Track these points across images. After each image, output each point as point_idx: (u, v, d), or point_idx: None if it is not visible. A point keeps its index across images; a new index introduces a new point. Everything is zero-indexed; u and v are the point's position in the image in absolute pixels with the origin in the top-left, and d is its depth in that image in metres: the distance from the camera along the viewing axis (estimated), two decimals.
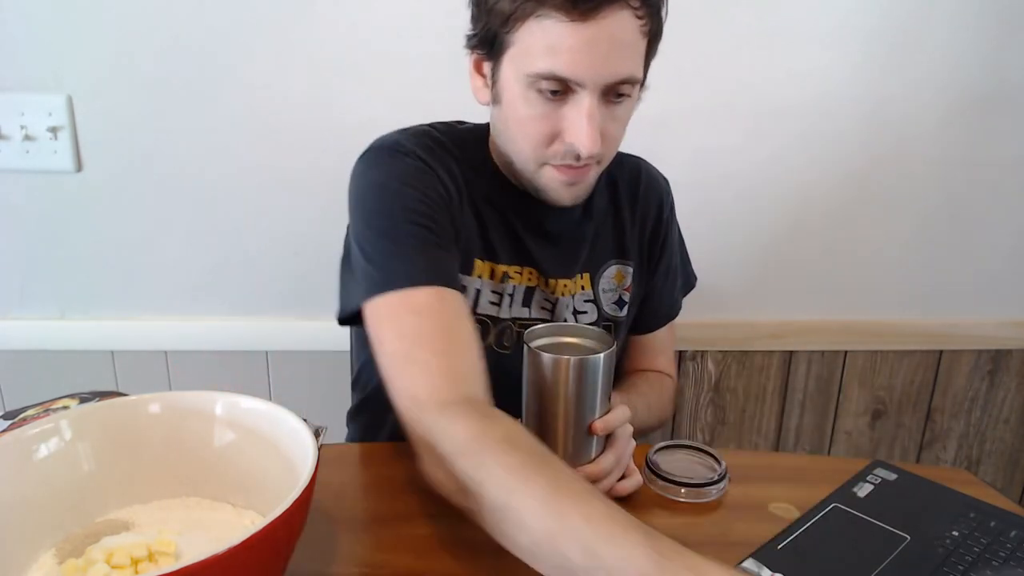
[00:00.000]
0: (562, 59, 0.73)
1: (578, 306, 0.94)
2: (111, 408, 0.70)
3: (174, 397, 0.71)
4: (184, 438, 0.70)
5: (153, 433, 0.70)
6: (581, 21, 0.72)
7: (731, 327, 1.45)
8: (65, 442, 0.67)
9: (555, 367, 0.72)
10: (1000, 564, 0.66)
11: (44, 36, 1.22)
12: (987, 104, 1.35)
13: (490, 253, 0.89)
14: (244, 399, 0.70)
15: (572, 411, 0.73)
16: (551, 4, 0.71)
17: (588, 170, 0.82)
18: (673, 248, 1.03)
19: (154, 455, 0.69)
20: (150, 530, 0.65)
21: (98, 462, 0.68)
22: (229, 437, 0.70)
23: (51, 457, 0.66)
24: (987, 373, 1.52)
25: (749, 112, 1.33)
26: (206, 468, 0.70)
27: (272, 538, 0.53)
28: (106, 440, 0.68)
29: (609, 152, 0.84)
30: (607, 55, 0.74)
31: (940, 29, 1.30)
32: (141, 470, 0.69)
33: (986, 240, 1.44)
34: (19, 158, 1.26)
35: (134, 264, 1.35)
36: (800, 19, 1.29)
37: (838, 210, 1.41)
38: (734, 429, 1.53)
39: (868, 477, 0.80)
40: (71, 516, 0.66)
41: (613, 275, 0.96)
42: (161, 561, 0.60)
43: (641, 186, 0.99)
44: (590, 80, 0.75)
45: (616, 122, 0.81)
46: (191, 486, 0.70)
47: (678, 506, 0.77)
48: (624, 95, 0.78)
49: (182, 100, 1.26)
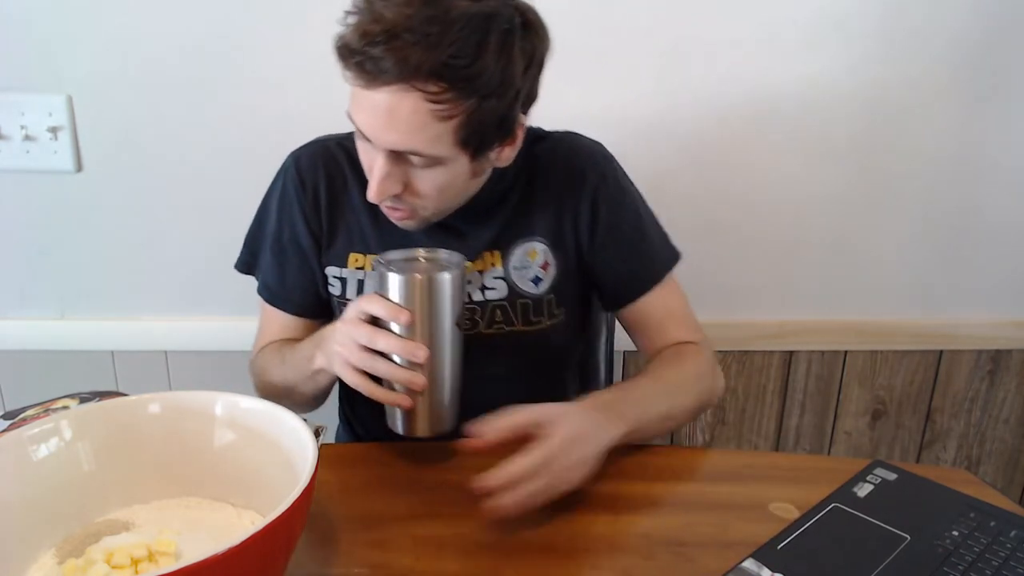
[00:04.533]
0: (357, 112, 0.79)
1: (487, 283, 0.94)
2: (111, 408, 0.70)
3: (174, 397, 0.71)
4: (184, 438, 0.70)
5: (153, 433, 0.70)
6: (366, 87, 0.76)
7: (731, 327, 1.45)
8: (65, 442, 0.67)
9: (384, 281, 0.74)
10: (1000, 564, 0.66)
11: (44, 36, 1.22)
12: (987, 104, 1.35)
13: (373, 246, 0.94)
14: (244, 399, 0.70)
15: (413, 329, 0.74)
16: (347, 65, 0.76)
17: (406, 213, 0.86)
18: (621, 215, 0.98)
19: (154, 455, 0.69)
20: (150, 530, 0.65)
21: (98, 462, 0.68)
22: (229, 437, 0.70)
23: (51, 457, 0.66)
24: (987, 373, 1.52)
25: (749, 112, 1.33)
26: (206, 468, 0.70)
27: (272, 538, 0.53)
28: (106, 440, 0.68)
29: (425, 203, 0.85)
30: (386, 125, 0.77)
31: (941, 28, 1.30)
32: (141, 470, 0.69)
33: (986, 240, 1.44)
34: (19, 158, 1.26)
35: (134, 264, 1.35)
36: (801, 18, 1.28)
37: (838, 210, 1.40)
38: (734, 429, 1.53)
39: (868, 477, 0.80)
40: (71, 516, 0.66)
41: (526, 252, 0.95)
42: (161, 561, 0.60)
43: (559, 163, 0.97)
44: (374, 140, 0.79)
45: (426, 181, 0.82)
46: (191, 486, 0.70)
47: (678, 506, 0.77)
48: (424, 163, 0.80)
49: (182, 100, 1.26)
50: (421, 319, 0.74)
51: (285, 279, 1.00)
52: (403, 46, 0.72)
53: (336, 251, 0.96)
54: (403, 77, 0.73)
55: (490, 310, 0.95)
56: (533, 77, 0.83)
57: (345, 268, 0.96)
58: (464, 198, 0.90)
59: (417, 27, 0.72)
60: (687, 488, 0.80)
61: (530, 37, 0.80)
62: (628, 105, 1.32)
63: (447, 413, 0.79)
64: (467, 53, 0.73)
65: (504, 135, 0.83)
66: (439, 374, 0.77)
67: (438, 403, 0.78)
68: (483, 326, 0.95)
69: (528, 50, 0.80)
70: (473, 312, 0.94)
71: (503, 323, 0.95)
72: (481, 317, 0.95)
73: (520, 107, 0.83)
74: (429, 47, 0.72)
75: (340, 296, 0.97)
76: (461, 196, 0.89)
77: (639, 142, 1.34)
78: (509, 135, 0.84)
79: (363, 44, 0.73)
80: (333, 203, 0.96)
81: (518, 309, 0.95)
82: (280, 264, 1.00)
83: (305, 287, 0.99)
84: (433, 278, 0.74)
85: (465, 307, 0.88)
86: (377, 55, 0.72)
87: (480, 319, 0.95)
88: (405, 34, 0.72)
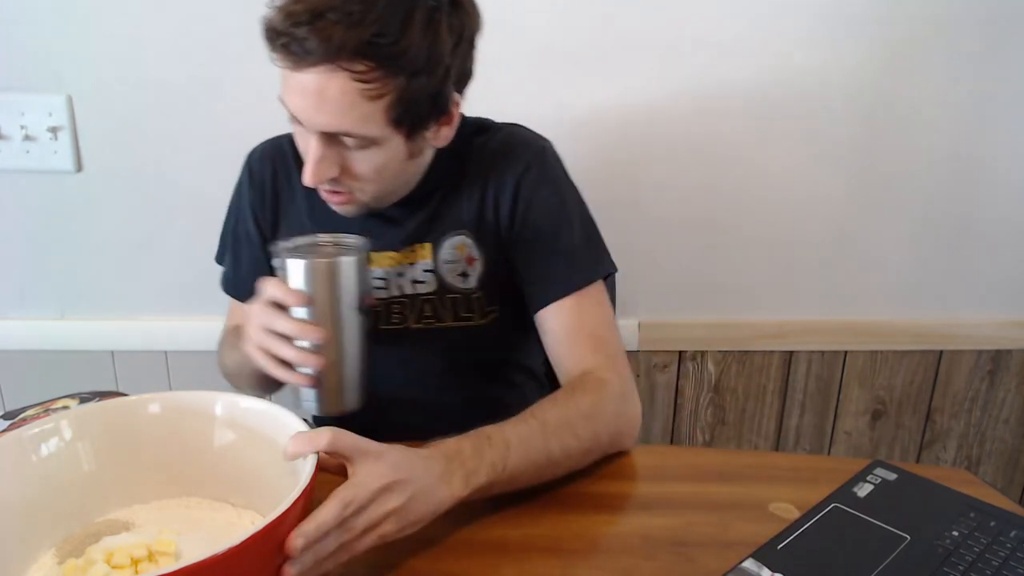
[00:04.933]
0: (287, 95, 0.79)
1: (416, 276, 0.94)
2: (111, 408, 0.70)
3: (174, 397, 0.71)
4: (184, 438, 0.70)
5: (153, 433, 0.70)
6: (293, 69, 0.75)
7: (731, 327, 1.45)
8: (65, 442, 0.67)
9: (283, 266, 0.74)
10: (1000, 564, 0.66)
11: (44, 36, 1.23)
12: (987, 103, 1.35)
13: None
14: (244, 399, 0.70)
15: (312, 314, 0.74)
16: (273, 47, 0.75)
17: (345, 198, 0.86)
18: (542, 209, 0.92)
19: (154, 455, 0.69)
20: (150, 530, 0.65)
21: (98, 462, 0.68)
22: (229, 437, 0.70)
23: (51, 457, 0.66)
24: (987, 373, 1.52)
25: (749, 112, 1.33)
26: (206, 468, 0.70)
27: (272, 538, 0.53)
28: (106, 440, 0.68)
29: (364, 186, 0.84)
30: (316, 107, 0.76)
31: (941, 28, 1.30)
32: (141, 470, 0.69)
33: (986, 240, 1.44)
34: (19, 158, 1.26)
35: (134, 264, 1.35)
36: (801, 17, 1.28)
37: (838, 210, 1.40)
38: (734, 429, 1.53)
39: (868, 477, 0.80)
40: (71, 516, 0.66)
41: (455, 246, 0.94)
42: (161, 561, 0.60)
43: (491, 154, 0.94)
44: (305, 122, 0.79)
45: (362, 163, 0.82)
46: (191, 486, 0.70)
47: (678, 506, 0.77)
48: (358, 144, 0.80)
49: (182, 100, 1.26)
50: (319, 302, 0.74)
51: (240, 269, 1.03)
52: (327, 26, 0.72)
53: None
54: (328, 57, 0.73)
55: (419, 304, 0.94)
56: (464, 54, 0.83)
57: None
58: (405, 181, 0.90)
59: (340, 6, 0.72)
60: (687, 488, 0.80)
61: (458, 14, 0.80)
62: (628, 105, 1.32)
63: (350, 394, 0.79)
64: (391, 31, 0.73)
65: (439, 113, 0.83)
66: (338, 356, 0.76)
67: (340, 384, 0.78)
68: (412, 320, 0.94)
69: (457, 27, 0.79)
70: (403, 306, 0.94)
71: (433, 318, 0.94)
72: (411, 311, 0.94)
73: (453, 85, 0.83)
74: (352, 26, 0.72)
75: None
76: (401, 179, 0.88)
77: (639, 142, 1.34)
78: (444, 113, 0.84)
79: (288, 25, 0.73)
80: (278, 196, 0.99)
81: (447, 304, 0.94)
82: (235, 255, 1.03)
83: (257, 277, 0.99)
84: (327, 263, 0.74)
85: (395, 300, 0.92)
86: (302, 36, 0.72)
87: (409, 313, 0.94)
88: (329, 13, 0.72)
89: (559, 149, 0.99)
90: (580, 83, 1.30)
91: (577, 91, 1.30)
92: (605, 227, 1.43)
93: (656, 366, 1.47)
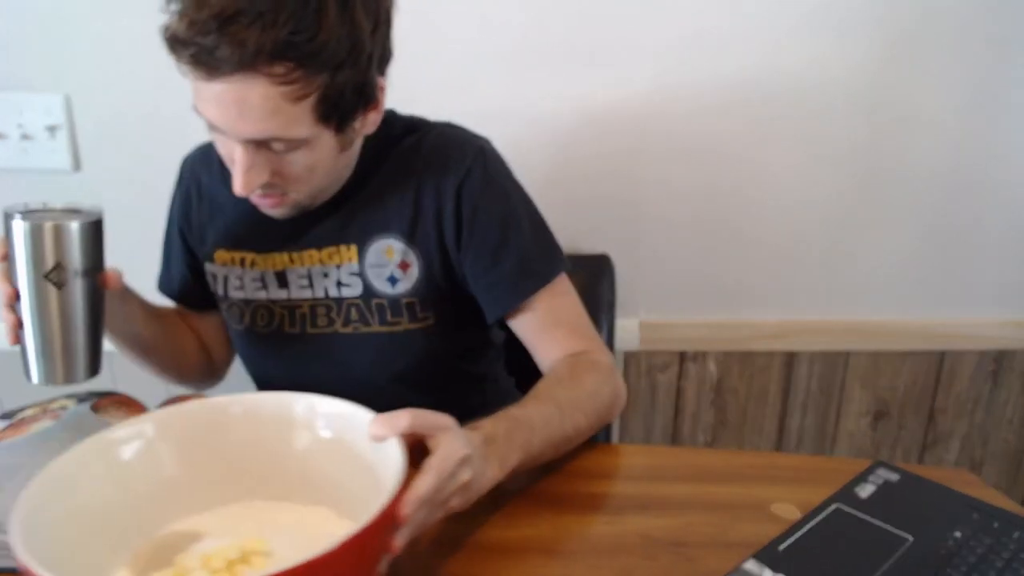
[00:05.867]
0: (203, 106, 0.75)
1: (343, 279, 0.91)
2: (193, 410, 0.69)
3: (255, 399, 0.70)
4: (264, 440, 0.68)
5: (233, 435, 0.69)
6: (206, 79, 0.71)
7: (732, 327, 1.44)
8: (149, 444, 0.66)
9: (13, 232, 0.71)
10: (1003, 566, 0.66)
11: (43, 36, 1.22)
12: (990, 103, 1.35)
13: (236, 242, 0.95)
14: (322, 401, 0.68)
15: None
16: (180, 58, 0.71)
17: (277, 200, 0.83)
18: (490, 214, 0.89)
19: (234, 457, 0.68)
20: (234, 532, 0.64)
21: (179, 464, 0.67)
22: (308, 439, 0.68)
23: (133, 460, 0.65)
24: (990, 374, 1.51)
25: (749, 112, 1.33)
26: (285, 470, 0.68)
27: (368, 541, 0.52)
28: (187, 442, 0.67)
29: (297, 186, 0.82)
30: (238, 116, 0.72)
31: (942, 28, 1.30)
32: (220, 472, 0.68)
33: (989, 240, 1.44)
34: (17, 157, 1.26)
35: (132, 264, 1.35)
36: (801, 17, 1.28)
37: (840, 210, 1.40)
38: (735, 430, 1.52)
39: (870, 478, 0.80)
40: (146, 523, 0.64)
41: (383, 250, 0.90)
42: (255, 562, 0.58)
43: (423, 157, 0.90)
44: (228, 132, 0.75)
45: (294, 164, 0.79)
46: (271, 488, 0.68)
47: (679, 506, 0.77)
48: (288, 147, 0.77)
49: (181, 100, 1.25)
50: (17, 263, 0.72)
51: (170, 272, 1.04)
52: (238, 31, 0.67)
53: (207, 248, 0.98)
54: (245, 64, 0.68)
55: (345, 308, 0.92)
56: (384, 36, 0.79)
57: (215, 264, 0.97)
58: (338, 174, 0.87)
59: (247, 7, 0.67)
60: (687, 488, 0.80)
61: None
62: (628, 105, 1.31)
63: (71, 365, 0.76)
64: (307, 27, 0.69)
65: (366, 102, 0.80)
66: (33, 321, 0.74)
67: (55, 352, 0.76)
68: (340, 324, 0.93)
69: (372, 9, 0.75)
70: (328, 309, 0.92)
71: (359, 322, 0.92)
72: (337, 314, 0.92)
73: (376, 69, 0.79)
74: (266, 27, 0.67)
75: (215, 292, 0.99)
76: (333, 173, 0.86)
77: (639, 142, 1.34)
78: (371, 101, 0.81)
79: (193, 34, 0.68)
80: (203, 201, 0.98)
81: (373, 309, 0.91)
82: (167, 257, 1.05)
83: (185, 279, 1.02)
84: (22, 225, 0.71)
85: (320, 302, 0.92)
86: (211, 44, 0.68)
87: (336, 316, 0.92)
88: (238, 17, 0.67)
89: (560, 149, 0.98)
90: (579, 83, 1.30)
91: (578, 91, 1.30)
92: (605, 226, 1.43)
93: (657, 366, 1.47)
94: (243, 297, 0.95)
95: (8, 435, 0.77)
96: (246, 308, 0.96)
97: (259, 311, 0.95)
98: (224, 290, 0.96)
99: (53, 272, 0.72)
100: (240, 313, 0.96)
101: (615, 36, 1.28)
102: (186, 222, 1.00)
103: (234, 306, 0.96)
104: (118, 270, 0.79)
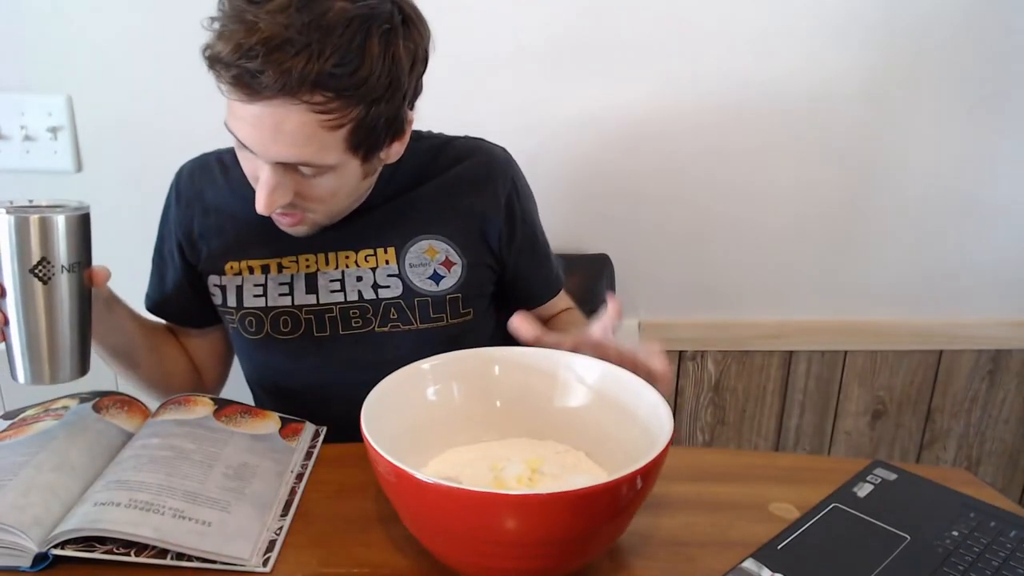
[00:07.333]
0: (237, 125, 0.76)
1: (380, 280, 0.93)
2: (467, 359, 0.79)
3: (520, 353, 0.79)
4: (528, 388, 0.78)
5: (501, 385, 0.79)
6: (245, 101, 0.73)
7: (731, 327, 1.45)
8: (438, 383, 0.77)
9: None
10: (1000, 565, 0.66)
11: (44, 36, 1.22)
12: (991, 102, 1.35)
13: (256, 250, 0.94)
14: (582, 360, 0.77)
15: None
16: (221, 77, 0.72)
17: (296, 219, 0.85)
18: (532, 221, 1.01)
19: (503, 400, 0.79)
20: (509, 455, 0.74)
21: (462, 400, 0.78)
22: (573, 391, 0.78)
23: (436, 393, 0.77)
24: (987, 373, 1.52)
25: (749, 112, 1.33)
26: (549, 415, 0.78)
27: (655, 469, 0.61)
28: (466, 384, 0.78)
29: (317, 207, 0.84)
30: (272, 138, 0.74)
31: (941, 28, 1.30)
32: (495, 410, 0.79)
33: (986, 240, 1.44)
34: (19, 158, 1.26)
35: (133, 265, 1.35)
36: (802, 17, 1.29)
37: (838, 210, 1.40)
38: (734, 429, 1.53)
39: (868, 477, 0.80)
40: (437, 443, 0.76)
41: (424, 249, 0.94)
42: (536, 479, 0.68)
43: (464, 165, 0.96)
44: (260, 153, 0.77)
45: (317, 188, 0.81)
46: (532, 429, 0.78)
47: (678, 506, 0.77)
48: (315, 172, 0.79)
49: (182, 100, 1.26)
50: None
51: (163, 289, 1.01)
52: (283, 59, 0.69)
53: (213, 260, 0.96)
54: (286, 91, 0.70)
55: (383, 308, 0.93)
56: (420, 74, 0.82)
57: (224, 276, 0.95)
58: (357, 198, 0.90)
59: (296, 37, 0.69)
60: (687, 488, 0.80)
61: (412, 34, 0.78)
62: (628, 106, 1.32)
63: (56, 365, 0.75)
64: (351, 60, 0.71)
65: (395, 133, 0.82)
66: (19, 318, 0.72)
67: (29, 349, 0.74)
68: (376, 324, 0.94)
69: (411, 48, 0.78)
70: (363, 311, 0.93)
71: (399, 321, 0.94)
72: (373, 315, 0.93)
73: (408, 104, 0.82)
74: (311, 58, 0.69)
75: (222, 304, 0.96)
76: (353, 196, 0.88)
77: (639, 143, 1.34)
78: (400, 133, 0.83)
79: (237, 57, 0.69)
80: (208, 214, 0.96)
81: (416, 307, 0.94)
82: (160, 274, 1.01)
83: (183, 295, 0.99)
84: (0, 219, 0.70)
85: (354, 305, 0.92)
86: (256, 69, 0.69)
87: (372, 317, 0.93)
88: (285, 45, 0.69)
89: (560, 149, 0.99)
90: (580, 83, 1.30)
91: (578, 92, 1.30)
92: (605, 226, 1.44)
93: None
94: (263, 305, 0.94)
95: (10, 435, 0.77)
96: (265, 316, 0.94)
97: (281, 318, 0.94)
98: (238, 300, 0.95)
99: (39, 266, 0.71)
100: (258, 322, 0.95)
101: (615, 39, 1.28)
102: (185, 236, 0.97)
103: (250, 316, 0.95)
104: (105, 267, 0.77)
